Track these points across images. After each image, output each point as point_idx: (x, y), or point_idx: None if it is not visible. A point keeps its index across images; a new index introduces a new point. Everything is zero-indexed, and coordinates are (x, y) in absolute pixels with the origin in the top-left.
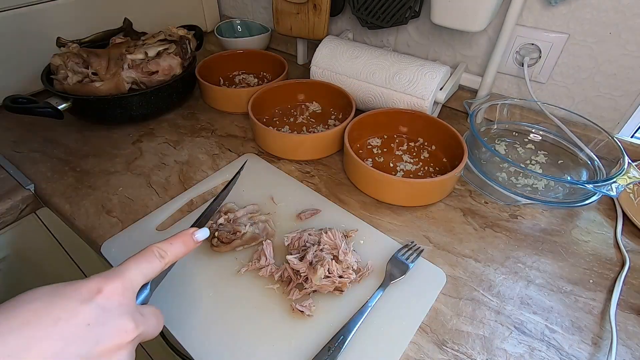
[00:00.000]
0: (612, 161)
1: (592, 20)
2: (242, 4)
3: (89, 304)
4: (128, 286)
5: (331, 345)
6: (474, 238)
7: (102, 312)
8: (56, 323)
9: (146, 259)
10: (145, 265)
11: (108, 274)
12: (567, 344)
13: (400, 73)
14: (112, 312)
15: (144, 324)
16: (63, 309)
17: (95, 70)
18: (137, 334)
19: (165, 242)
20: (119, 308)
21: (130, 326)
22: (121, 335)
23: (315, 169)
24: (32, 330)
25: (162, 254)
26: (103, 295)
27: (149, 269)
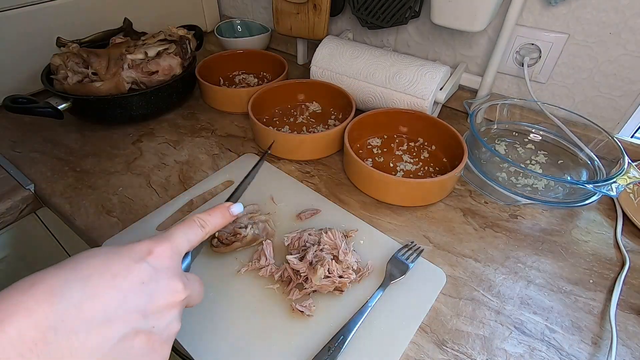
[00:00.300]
0: (612, 161)
1: (592, 20)
2: (242, 4)
3: (141, 263)
4: (175, 250)
5: (331, 345)
6: (474, 238)
7: (154, 272)
8: (115, 278)
9: (190, 227)
10: (189, 233)
11: (157, 237)
12: (567, 344)
13: (400, 73)
14: (162, 272)
15: (190, 288)
16: (119, 266)
17: (95, 70)
18: (185, 295)
19: (205, 214)
20: (168, 269)
21: (179, 286)
22: (173, 294)
23: (315, 169)
24: (95, 282)
25: (203, 224)
26: (154, 256)
27: (192, 236)
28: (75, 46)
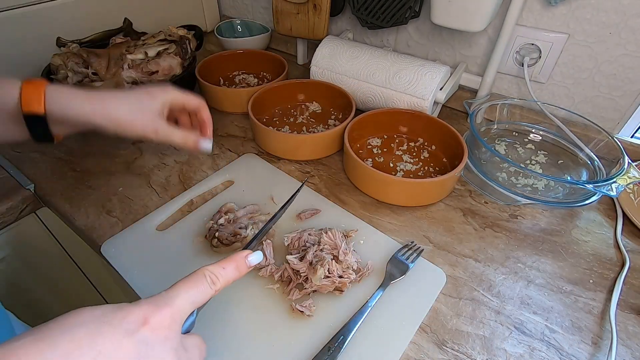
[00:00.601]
0: (612, 161)
1: (592, 20)
2: (242, 4)
3: (133, 337)
4: (176, 317)
5: (331, 345)
6: (474, 238)
7: (145, 348)
8: (98, 355)
9: (197, 286)
10: (196, 292)
11: (157, 300)
12: (567, 344)
13: (400, 73)
14: (155, 348)
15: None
16: (106, 341)
17: (95, 70)
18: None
19: (218, 266)
20: (163, 343)
21: None
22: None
23: (315, 169)
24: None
25: (214, 279)
26: (149, 327)
27: (198, 297)
28: (75, 46)
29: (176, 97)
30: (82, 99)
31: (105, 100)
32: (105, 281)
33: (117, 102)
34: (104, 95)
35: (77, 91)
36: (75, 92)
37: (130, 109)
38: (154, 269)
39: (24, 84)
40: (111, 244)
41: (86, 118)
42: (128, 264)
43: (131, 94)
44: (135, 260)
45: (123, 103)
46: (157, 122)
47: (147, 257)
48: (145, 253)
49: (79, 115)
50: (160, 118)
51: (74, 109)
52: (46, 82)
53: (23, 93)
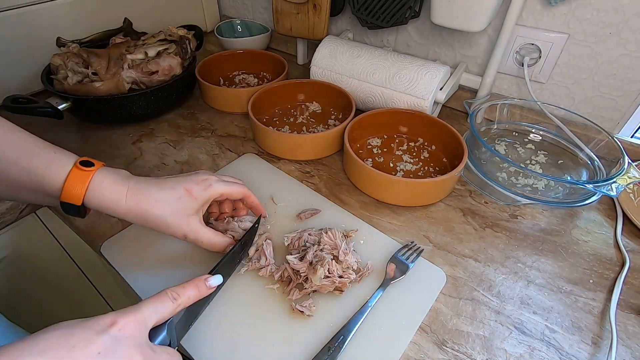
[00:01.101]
0: (612, 161)
1: (592, 20)
2: (242, 4)
3: (102, 334)
4: (141, 321)
5: (331, 345)
6: (474, 238)
7: (113, 343)
8: (71, 350)
9: (160, 300)
10: (159, 306)
11: (124, 310)
12: (567, 344)
13: (400, 73)
14: (122, 343)
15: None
16: (79, 338)
17: (95, 70)
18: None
19: (179, 286)
20: (129, 340)
21: (136, 358)
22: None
23: (315, 169)
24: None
25: (175, 296)
26: (116, 327)
27: (161, 309)
28: (75, 46)
29: (221, 193)
30: (120, 196)
31: (142, 200)
32: (105, 281)
33: (154, 204)
34: (144, 192)
35: (120, 188)
36: (117, 190)
37: (163, 212)
38: (153, 268)
39: (71, 172)
40: (111, 244)
41: (119, 216)
42: (128, 264)
43: (170, 192)
44: (135, 260)
45: (159, 205)
46: (188, 227)
47: (147, 257)
48: (145, 253)
49: (112, 213)
50: (194, 219)
51: (109, 207)
52: (94, 170)
53: (67, 184)
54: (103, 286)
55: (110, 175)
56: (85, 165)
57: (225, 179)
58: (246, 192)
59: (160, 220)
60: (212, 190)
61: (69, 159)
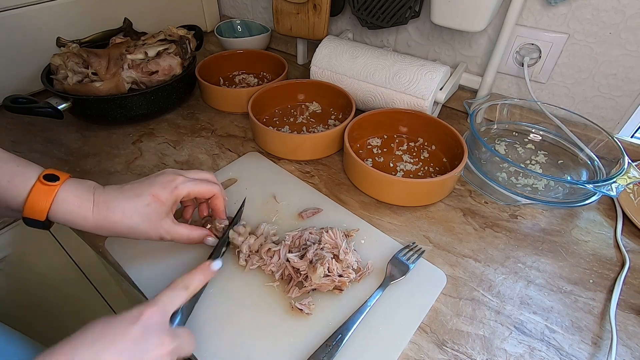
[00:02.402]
0: (612, 161)
1: (592, 20)
2: (242, 4)
3: (134, 325)
4: (162, 310)
5: (329, 343)
6: (474, 238)
7: (145, 331)
8: (113, 341)
9: (174, 290)
10: (174, 295)
11: (146, 303)
12: (567, 344)
13: (400, 73)
14: (152, 330)
15: (178, 340)
16: (116, 331)
17: (95, 70)
18: (172, 347)
19: (188, 275)
20: (157, 327)
21: (166, 340)
22: (160, 347)
23: (315, 169)
24: (99, 345)
25: (186, 285)
26: (144, 318)
27: (176, 297)
28: (75, 46)
29: (188, 193)
30: (87, 212)
31: (109, 214)
32: (105, 281)
33: (122, 216)
34: (110, 204)
35: (85, 203)
36: (83, 205)
37: (133, 222)
38: (156, 263)
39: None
40: (115, 239)
41: (87, 230)
42: (131, 259)
43: (136, 200)
44: (138, 255)
45: (128, 215)
46: (162, 229)
47: (149, 252)
48: (148, 248)
49: (80, 228)
50: (167, 220)
51: (76, 222)
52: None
53: (30, 199)
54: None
55: (75, 190)
56: (50, 179)
57: (194, 177)
58: (215, 192)
59: (132, 230)
60: (178, 192)
61: (32, 172)
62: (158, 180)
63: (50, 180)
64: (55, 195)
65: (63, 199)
